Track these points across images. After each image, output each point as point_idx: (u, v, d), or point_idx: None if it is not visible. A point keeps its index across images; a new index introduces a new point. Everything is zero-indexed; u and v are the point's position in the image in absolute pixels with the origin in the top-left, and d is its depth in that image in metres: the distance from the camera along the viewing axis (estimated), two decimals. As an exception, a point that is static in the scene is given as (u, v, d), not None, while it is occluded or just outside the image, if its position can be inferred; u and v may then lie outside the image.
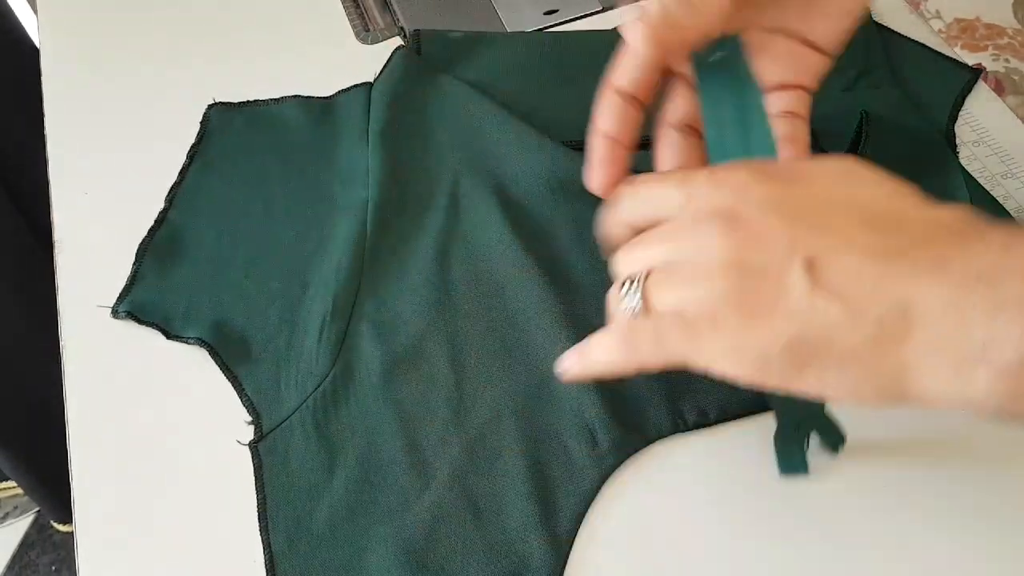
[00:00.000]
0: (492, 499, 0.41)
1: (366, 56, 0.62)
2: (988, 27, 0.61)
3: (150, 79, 0.62)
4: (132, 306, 0.49)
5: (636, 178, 0.35)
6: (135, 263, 0.51)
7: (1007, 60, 0.59)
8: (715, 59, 0.35)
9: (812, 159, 0.32)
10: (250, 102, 0.59)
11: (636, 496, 0.42)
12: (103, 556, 0.41)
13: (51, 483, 1.01)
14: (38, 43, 0.65)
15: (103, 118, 0.59)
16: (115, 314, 0.49)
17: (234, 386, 0.46)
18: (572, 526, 0.40)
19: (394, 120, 0.55)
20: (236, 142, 0.57)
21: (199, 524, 0.42)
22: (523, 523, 0.40)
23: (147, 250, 0.51)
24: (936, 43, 0.59)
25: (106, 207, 0.54)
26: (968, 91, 0.56)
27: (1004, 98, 0.57)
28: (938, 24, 0.61)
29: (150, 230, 0.52)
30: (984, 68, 0.58)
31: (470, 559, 0.40)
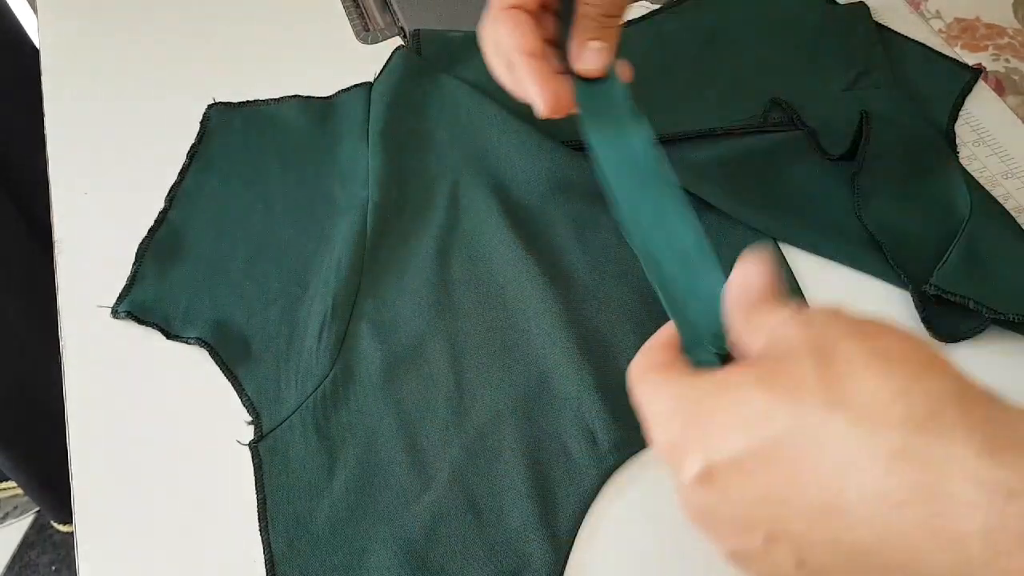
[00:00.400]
0: (492, 499, 0.41)
1: (366, 56, 0.62)
2: (988, 27, 0.61)
3: (150, 79, 0.62)
4: (132, 306, 0.49)
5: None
6: (135, 263, 0.51)
7: (1007, 60, 0.59)
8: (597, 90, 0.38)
9: None
10: (250, 102, 0.59)
11: (636, 496, 0.42)
12: (103, 556, 0.41)
13: (51, 483, 1.01)
14: (38, 43, 0.65)
15: (103, 118, 0.59)
16: (115, 314, 0.49)
17: (234, 386, 0.46)
18: (572, 526, 0.40)
19: (394, 120, 0.55)
20: (236, 142, 0.57)
21: (199, 524, 0.42)
22: (523, 523, 0.40)
23: (147, 250, 0.51)
24: (936, 43, 0.59)
25: (106, 207, 0.54)
26: (968, 91, 0.56)
27: (1004, 98, 0.56)
28: (938, 24, 0.61)
29: (150, 230, 0.52)
30: (984, 68, 0.58)
31: (470, 559, 0.40)
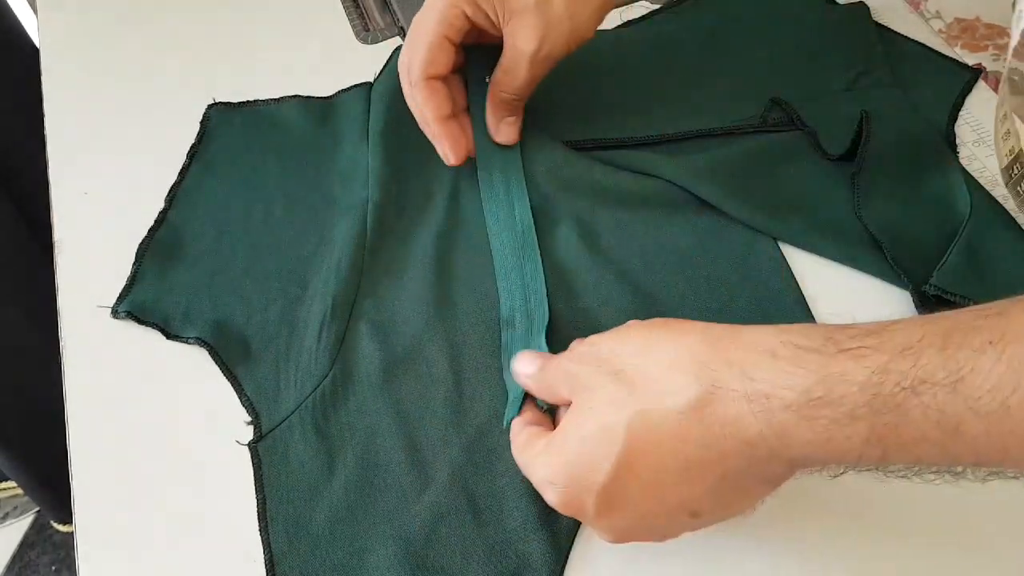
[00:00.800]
0: (492, 499, 0.41)
1: (366, 56, 0.62)
2: (988, 27, 0.61)
3: (150, 79, 0.62)
4: (132, 306, 0.49)
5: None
6: (135, 263, 0.51)
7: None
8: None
9: None
10: (250, 102, 0.59)
11: (636, 496, 0.41)
12: (103, 556, 0.41)
13: (51, 483, 1.01)
14: (38, 43, 0.65)
15: (103, 118, 0.59)
16: (115, 314, 0.49)
17: (234, 386, 0.46)
18: (572, 526, 0.40)
19: (394, 120, 0.55)
20: (236, 142, 0.57)
21: (199, 524, 0.42)
22: (523, 523, 0.40)
23: (147, 250, 0.51)
24: (936, 43, 0.59)
25: (106, 207, 0.54)
26: (968, 91, 0.56)
27: (1004, 98, 0.56)
28: (938, 24, 0.61)
29: (150, 230, 0.52)
30: (984, 68, 0.58)
31: (470, 559, 0.39)
